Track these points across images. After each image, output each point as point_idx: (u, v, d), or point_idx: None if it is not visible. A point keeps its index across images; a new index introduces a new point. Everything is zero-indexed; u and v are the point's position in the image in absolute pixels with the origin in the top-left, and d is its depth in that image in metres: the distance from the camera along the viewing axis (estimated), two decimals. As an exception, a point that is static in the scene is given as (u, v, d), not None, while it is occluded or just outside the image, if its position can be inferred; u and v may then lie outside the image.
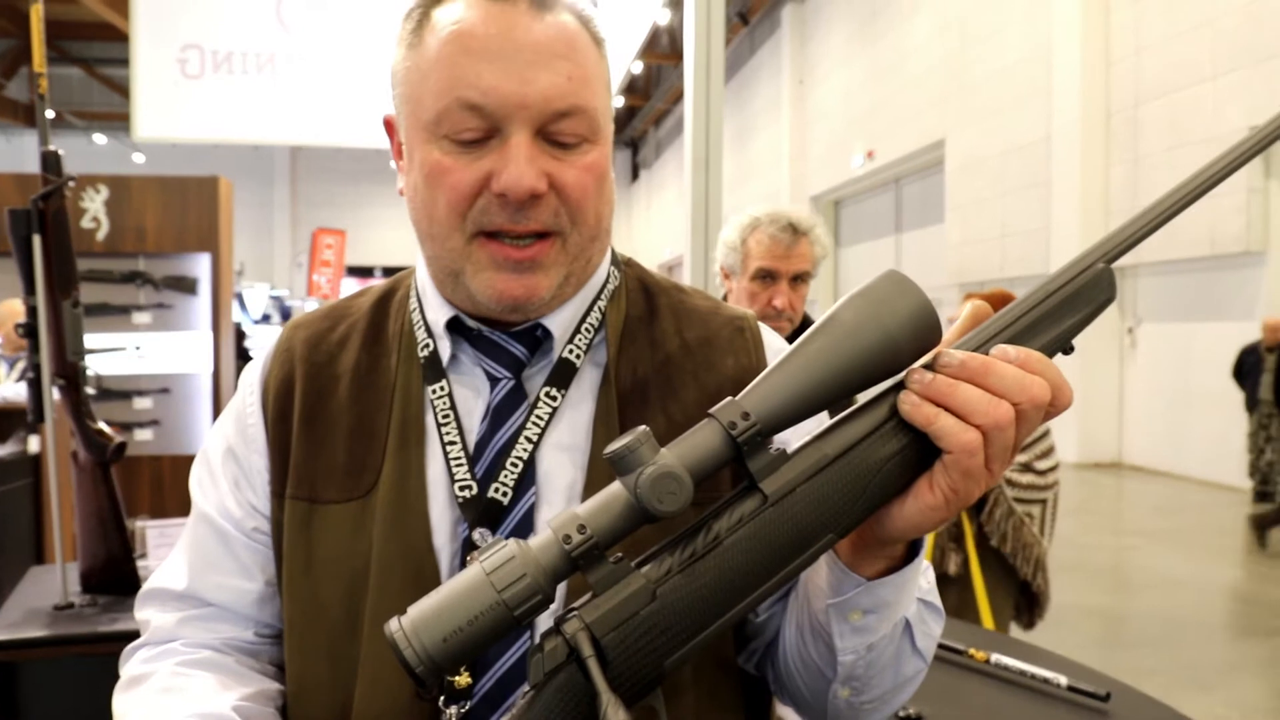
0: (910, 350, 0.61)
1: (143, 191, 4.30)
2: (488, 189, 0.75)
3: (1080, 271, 0.64)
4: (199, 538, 0.87)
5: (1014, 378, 0.60)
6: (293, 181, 26.65)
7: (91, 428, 2.16)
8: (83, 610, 2.13)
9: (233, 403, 0.91)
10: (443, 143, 0.76)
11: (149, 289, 4.36)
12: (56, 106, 21.44)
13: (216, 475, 0.88)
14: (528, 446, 0.81)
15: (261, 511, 0.86)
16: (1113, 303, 0.65)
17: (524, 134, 0.75)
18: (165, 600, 0.88)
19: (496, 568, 0.57)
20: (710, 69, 3.62)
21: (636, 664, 0.59)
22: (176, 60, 5.42)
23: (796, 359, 0.61)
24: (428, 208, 0.78)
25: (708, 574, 0.60)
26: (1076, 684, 1.67)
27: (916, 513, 0.63)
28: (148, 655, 0.85)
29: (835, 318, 0.62)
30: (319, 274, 15.16)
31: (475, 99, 0.74)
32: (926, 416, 0.60)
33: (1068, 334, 0.64)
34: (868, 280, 0.63)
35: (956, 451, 0.59)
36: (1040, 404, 0.60)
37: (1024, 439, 0.61)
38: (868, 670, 0.75)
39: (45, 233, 2.08)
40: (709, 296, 0.94)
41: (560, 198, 0.77)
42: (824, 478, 0.61)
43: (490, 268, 0.78)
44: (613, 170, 0.83)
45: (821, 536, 0.61)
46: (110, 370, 4.32)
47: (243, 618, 0.86)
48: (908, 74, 15.22)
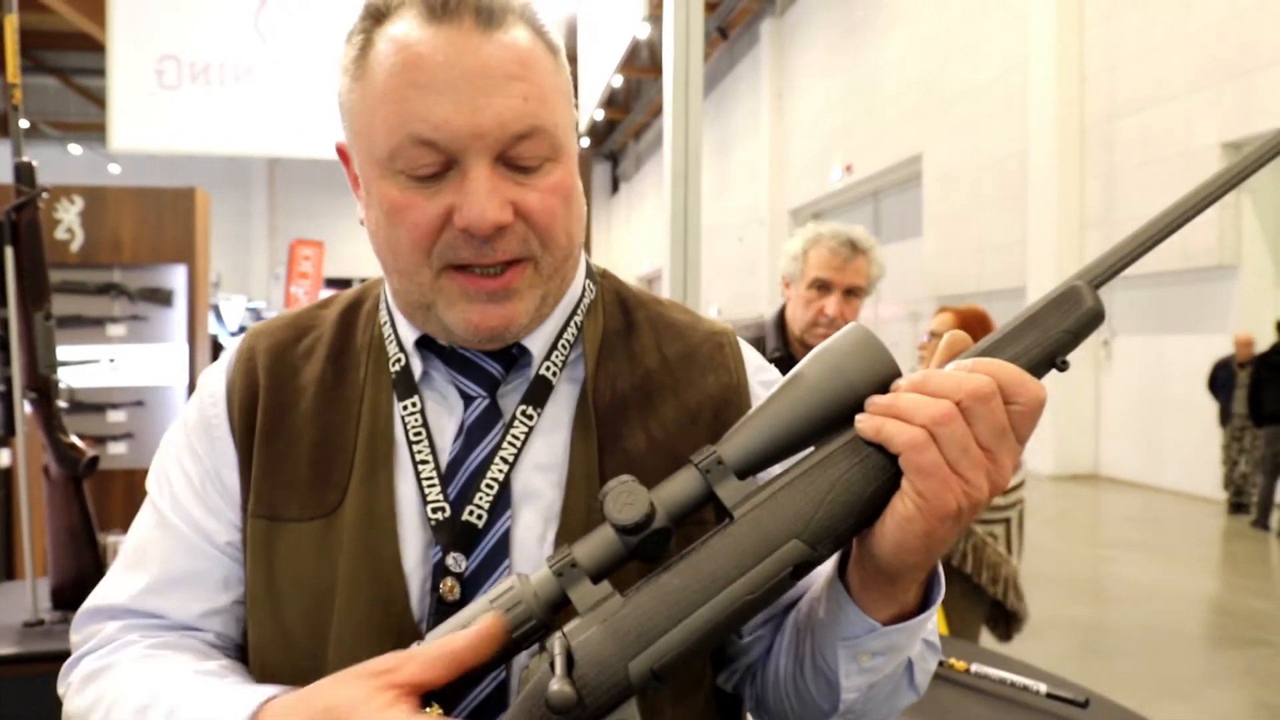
0: (867, 390, 0.65)
1: (118, 202, 4.26)
2: (450, 224, 0.72)
3: (1056, 293, 0.66)
4: (165, 551, 0.82)
5: (951, 378, 0.62)
6: (270, 192, 26.52)
7: (63, 441, 2.13)
8: (53, 627, 2.09)
9: (193, 410, 0.86)
10: (399, 178, 0.73)
11: (124, 301, 4.32)
12: (32, 116, 21.24)
13: (184, 486, 0.83)
14: (503, 467, 0.78)
15: (236, 525, 0.82)
16: (1101, 320, 0.66)
17: (482, 164, 0.71)
18: (113, 615, 0.82)
19: (498, 595, 0.63)
20: (689, 83, 3.63)
21: (601, 667, 0.61)
22: (154, 71, 5.38)
23: (767, 406, 0.66)
24: (391, 244, 0.75)
25: (672, 581, 0.63)
26: (1055, 691, 1.68)
27: (895, 527, 0.63)
28: (99, 655, 0.79)
29: (802, 368, 0.66)
30: (297, 285, 15.09)
31: (427, 134, 0.70)
32: (874, 426, 0.63)
33: (1043, 349, 0.65)
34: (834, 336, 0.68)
35: (904, 450, 0.61)
36: (980, 396, 0.61)
37: (994, 439, 0.62)
38: (865, 705, 0.77)
39: (18, 244, 2.06)
40: (688, 310, 0.93)
41: (528, 224, 0.74)
42: (786, 491, 0.64)
43: (463, 300, 0.75)
44: (579, 181, 0.80)
45: (785, 542, 0.63)
46: (83, 383, 4.26)
47: (199, 630, 0.82)
48: (885, 88, 15.37)
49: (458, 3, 0.71)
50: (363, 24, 0.75)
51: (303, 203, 26.15)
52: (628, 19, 5.71)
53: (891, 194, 16.33)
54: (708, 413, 0.83)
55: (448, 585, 0.75)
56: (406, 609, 0.75)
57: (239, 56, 5.49)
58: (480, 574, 0.76)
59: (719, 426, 0.82)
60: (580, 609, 0.63)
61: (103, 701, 0.73)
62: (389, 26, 0.73)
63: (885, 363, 0.65)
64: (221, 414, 0.84)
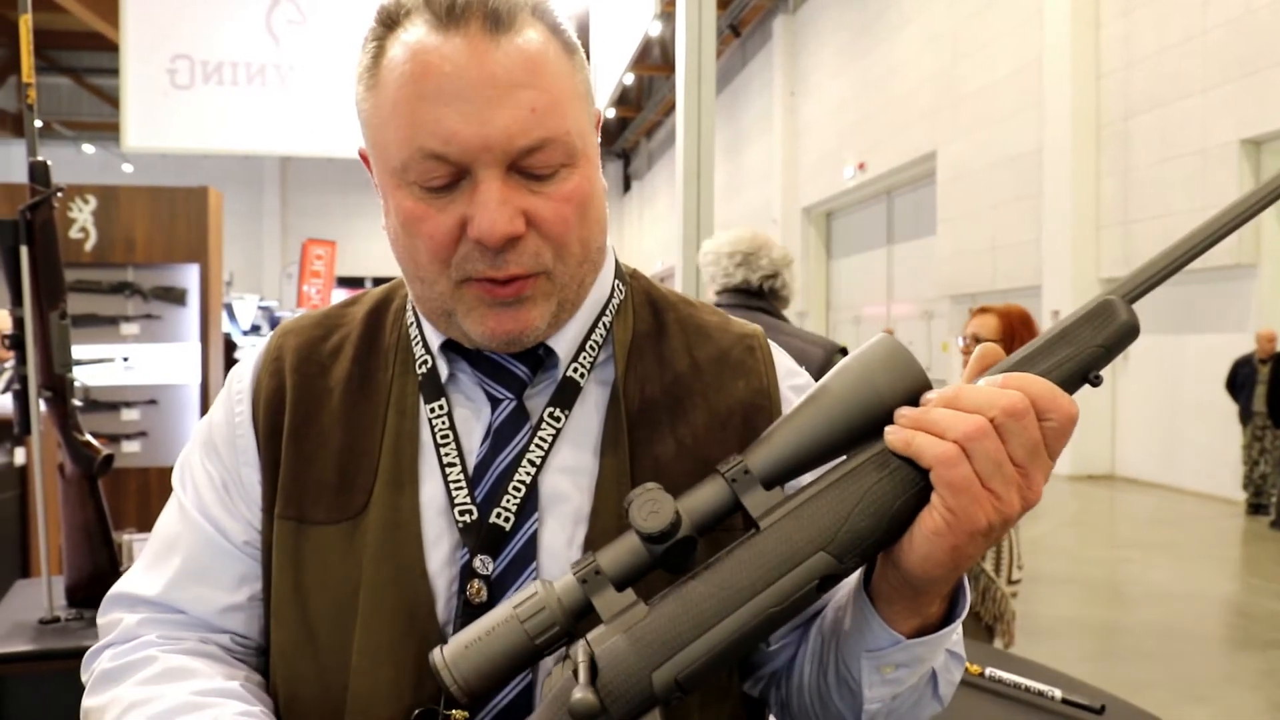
0: (896, 403, 0.65)
1: (131, 202, 4.28)
2: (466, 235, 0.72)
3: (1089, 307, 0.66)
4: (187, 546, 0.83)
5: (984, 393, 0.62)
6: (283, 192, 26.63)
7: (78, 440, 2.13)
8: (68, 624, 2.10)
9: (220, 409, 0.87)
10: (413, 188, 0.73)
11: (137, 300, 4.34)
12: (45, 116, 21.41)
13: (205, 484, 0.84)
14: (530, 470, 0.78)
15: (254, 525, 0.82)
16: (1136, 335, 0.66)
17: (493, 175, 0.70)
18: (135, 605, 0.83)
19: (521, 601, 0.64)
20: (702, 81, 3.62)
21: (625, 675, 0.60)
22: (166, 70, 5.41)
23: (795, 416, 0.66)
24: (410, 254, 0.75)
25: (697, 589, 0.63)
26: (1071, 697, 1.66)
27: (923, 541, 0.63)
28: (118, 652, 0.80)
29: (831, 378, 0.66)
30: (309, 285, 15.14)
31: (437, 148, 0.70)
32: (904, 439, 0.62)
33: (1077, 362, 0.65)
34: (863, 343, 0.68)
35: (935, 465, 0.61)
36: (1014, 413, 0.60)
37: (1027, 455, 0.61)
38: (888, 715, 0.76)
39: (33, 243, 2.06)
40: (717, 311, 0.92)
41: (541, 234, 0.73)
42: (813, 502, 0.64)
43: (480, 306, 0.75)
44: (599, 183, 0.79)
45: (812, 554, 0.63)
46: (97, 381, 4.28)
47: (217, 628, 0.83)
48: (899, 86, 15.30)
49: (465, 7, 0.70)
50: (375, 30, 0.75)
51: (315, 202, 26.26)
52: (639, 16, 5.70)
53: (905, 192, 16.26)
54: (738, 418, 0.82)
55: (475, 588, 0.75)
56: (431, 612, 0.75)
57: (251, 56, 5.51)
58: (507, 576, 0.75)
59: (749, 432, 0.81)
60: (604, 616, 0.63)
61: (112, 708, 0.75)
62: (400, 33, 0.72)
63: (914, 374, 0.65)
64: (246, 413, 0.84)
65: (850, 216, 18.41)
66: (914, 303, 15.76)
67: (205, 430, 0.87)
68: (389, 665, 0.74)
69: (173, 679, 0.75)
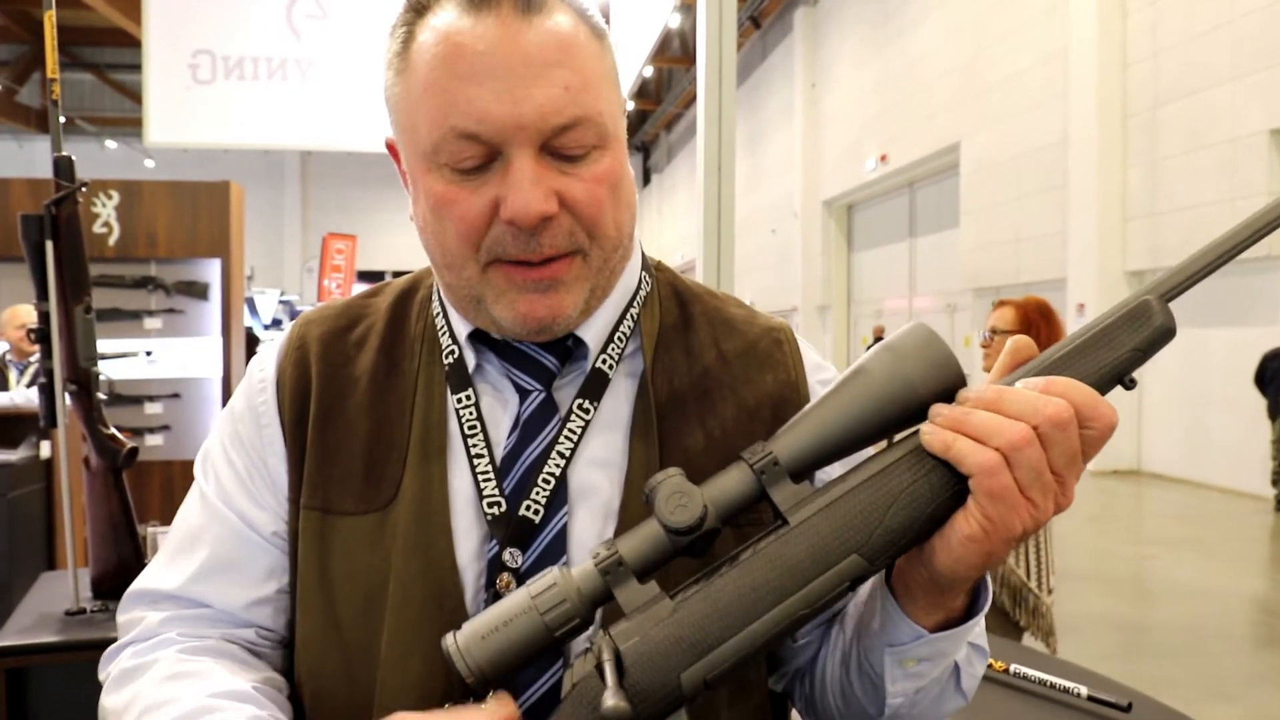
0: (931, 396, 0.64)
1: (154, 197, 4.31)
2: (497, 217, 0.71)
3: (1128, 306, 0.64)
4: (214, 539, 0.81)
5: (1029, 400, 0.60)
6: (303, 186, 26.81)
7: (103, 433, 2.15)
8: (94, 616, 2.12)
9: (241, 398, 0.85)
10: (444, 171, 0.72)
11: (160, 294, 4.37)
12: (68, 112, 21.63)
13: (230, 475, 0.83)
14: (560, 462, 0.77)
15: (282, 516, 0.81)
16: (1173, 336, 0.64)
17: (526, 155, 0.70)
18: (157, 601, 0.82)
19: (537, 586, 0.62)
20: (722, 73, 3.59)
21: (653, 675, 0.60)
22: (188, 65, 5.44)
23: (823, 405, 0.65)
24: (439, 239, 0.75)
25: (725, 590, 0.61)
26: (1097, 694, 1.64)
27: (957, 544, 0.62)
28: (138, 650, 0.79)
29: (861, 367, 0.65)
30: (330, 279, 15.23)
31: (470, 127, 0.69)
32: (944, 442, 0.61)
33: (1114, 365, 0.63)
34: (897, 331, 0.66)
35: (976, 473, 0.60)
36: (1058, 422, 0.59)
37: (1065, 464, 0.60)
38: (912, 709, 0.75)
39: (58, 238, 2.08)
40: (742, 304, 0.91)
41: (574, 215, 0.72)
42: (845, 501, 0.63)
43: (511, 291, 0.74)
44: (629, 169, 0.78)
45: (843, 557, 0.61)
46: (121, 375, 4.32)
47: (243, 621, 0.81)
48: (921, 77, 15.18)
49: None
50: (404, 17, 0.75)
51: (335, 196, 26.41)
52: (659, 8, 5.68)
53: (927, 184, 16.14)
54: (766, 411, 0.82)
55: (504, 580, 0.74)
56: (460, 604, 0.74)
57: (272, 51, 5.53)
58: (536, 569, 0.75)
59: (777, 424, 0.79)
60: (626, 609, 0.62)
61: (136, 704, 0.73)
62: (429, 18, 0.72)
63: (949, 365, 0.64)
64: (270, 402, 0.83)
65: (872, 209, 18.30)
66: (936, 296, 15.65)
67: (228, 420, 0.85)
68: (418, 657, 0.73)
69: (191, 679, 0.74)
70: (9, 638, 2.02)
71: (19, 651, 1.99)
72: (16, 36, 18.79)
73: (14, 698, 2.12)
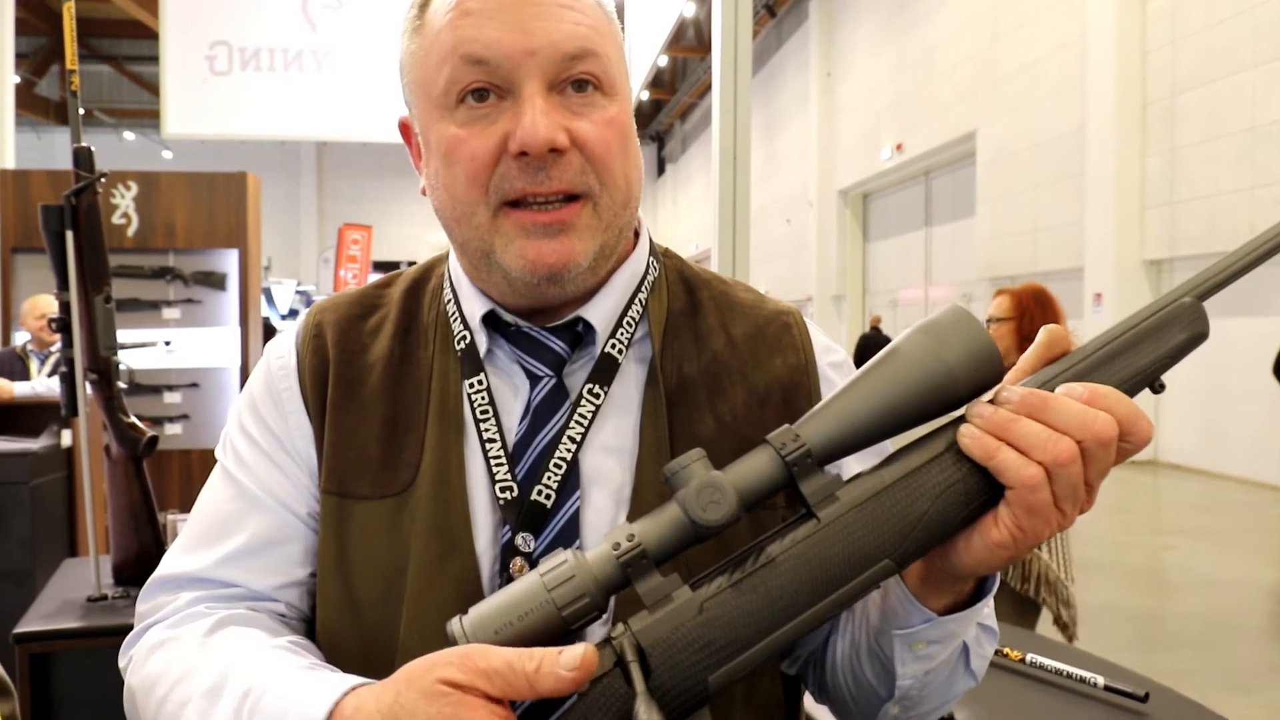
0: (969, 386, 0.62)
1: (172, 187, 4.34)
2: (506, 154, 0.72)
3: (1163, 306, 0.63)
4: (248, 523, 0.80)
5: (1076, 413, 0.59)
6: (319, 177, 26.88)
7: (124, 421, 2.17)
8: (115, 602, 2.14)
9: (260, 382, 0.85)
10: (455, 114, 0.73)
11: (178, 284, 4.41)
12: (86, 104, 21.76)
13: (262, 460, 0.81)
14: (571, 447, 0.76)
15: (315, 498, 0.81)
16: (1205, 338, 0.63)
17: (536, 85, 0.71)
18: (182, 585, 0.80)
19: (550, 570, 0.60)
20: (738, 61, 3.58)
21: (681, 677, 0.58)
22: (205, 57, 5.47)
23: (853, 389, 0.62)
24: (449, 188, 0.75)
25: (755, 592, 0.60)
26: (1114, 684, 1.63)
27: (983, 549, 0.62)
28: (165, 625, 0.76)
29: (895, 350, 0.62)
30: (345, 269, 15.29)
31: (479, 52, 0.71)
32: (987, 450, 0.59)
33: (1150, 370, 0.62)
34: (932, 314, 0.64)
35: (1018, 487, 0.59)
36: (1105, 440, 0.58)
37: (1098, 477, 0.60)
38: (922, 691, 0.75)
39: (77, 228, 2.09)
40: (750, 288, 0.91)
41: (584, 154, 0.73)
42: (879, 502, 0.61)
43: (521, 236, 0.73)
44: (635, 131, 0.78)
45: (877, 561, 0.60)
46: (140, 365, 4.36)
47: (271, 600, 0.80)
48: (938, 65, 15.06)
49: None
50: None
51: (351, 187, 26.48)
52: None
53: (943, 173, 16.03)
54: (777, 396, 0.81)
55: (517, 565, 0.75)
56: (479, 588, 0.75)
57: (289, 42, 5.54)
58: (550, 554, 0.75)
59: (787, 409, 0.80)
60: (647, 601, 0.60)
61: (168, 675, 0.70)
62: None
63: (989, 354, 0.61)
64: (293, 387, 0.83)
65: (887, 198, 18.20)
66: (952, 286, 15.56)
67: (248, 406, 0.85)
68: (439, 642, 0.73)
69: (224, 644, 0.72)
70: (32, 623, 2.05)
71: (42, 637, 2.02)
72: (35, 29, 18.89)
73: (38, 682, 2.15)
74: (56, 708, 2.19)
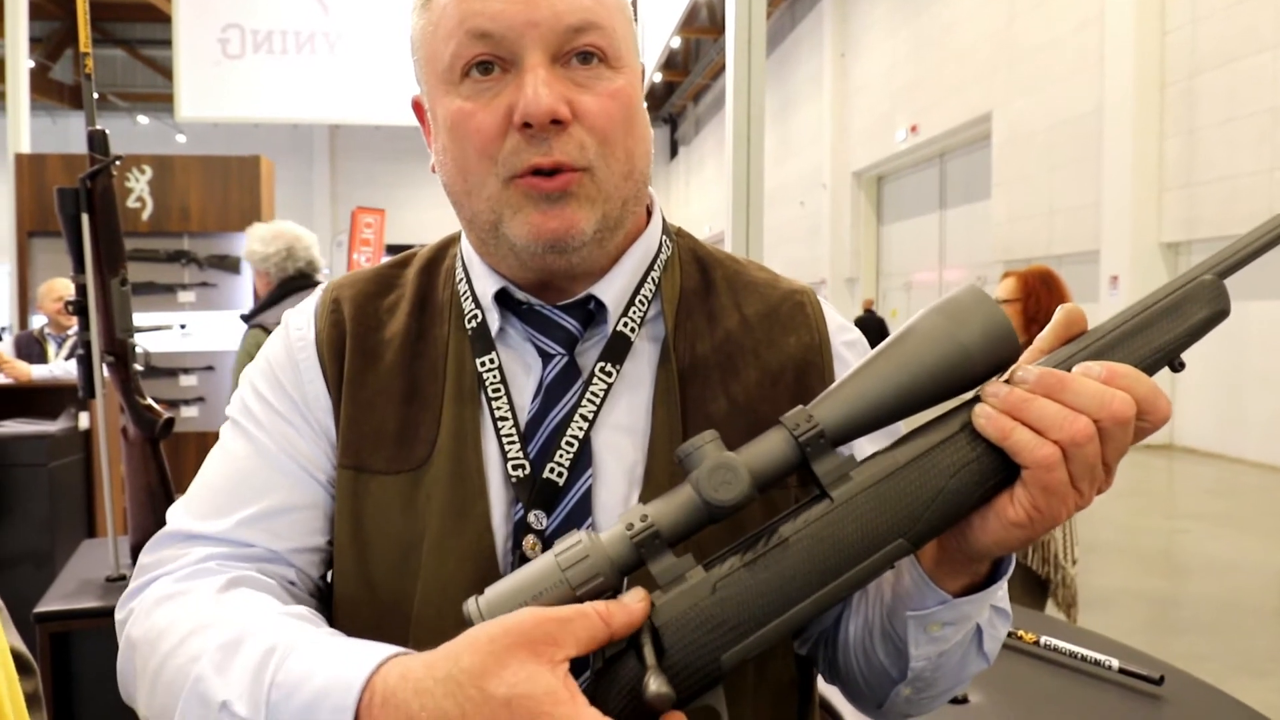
0: (985, 366, 0.61)
1: (186, 171, 4.35)
2: (512, 126, 0.72)
3: (1184, 284, 0.62)
4: (269, 484, 0.78)
5: (1093, 392, 0.58)
6: (332, 160, 26.90)
7: (140, 403, 2.18)
8: (133, 583, 2.17)
9: (280, 348, 0.84)
10: (461, 88, 0.74)
11: (193, 268, 4.43)
12: (100, 88, 21.80)
13: (277, 421, 0.80)
14: (583, 425, 0.77)
15: (334, 465, 0.80)
16: (1226, 316, 0.62)
17: (539, 57, 0.72)
18: (194, 540, 0.77)
19: (564, 550, 0.60)
20: (752, 41, 3.55)
21: (694, 656, 0.59)
22: (217, 40, 5.47)
23: (867, 369, 0.62)
24: (459, 162, 0.75)
25: (769, 571, 0.60)
26: (1129, 667, 1.63)
27: (1000, 529, 0.62)
28: (176, 579, 0.73)
29: (911, 330, 0.62)
30: (359, 253, 15.29)
31: (484, 25, 0.71)
32: (1001, 430, 0.59)
33: (1169, 348, 0.62)
34: (949, 293, 0.63)
35: (1034, 467, 0.58)
36: (1122, 419, 0.58)
37: (1117, 456, 0.59)
38: (934, 673, 0.75)
39: (93, 211, 2.10)
40: (764, 268, 0.90)
41: (585, 127, 0.73)
42: (893, 482, 0.61)
43: (526, 205, 0.74)
44: (643, 105, 0.78)
45: (890, 541, 0.60)
46: (156, 348, 4.39)
47: (285, 563, 0.78)
48: (953, 45, 14.91)
49: None
50: None
51: (364, 170, 26.48)
52: (687, -22, 5.61)
53: (958, 155, 15.90)
54: (790, 375, 0.81)
55: (529, 543, 0.75)
56: (495, 565, 0.75)
57: (300, 25, 5.54)
58: (562, 532, 0.75)
59: (800, 389, 0.80)
60: (660, 581, 0.60)
61: (177, 628, 0.67)
62: None
63: (1005, 333, 0.61)
64: (312, 358, 0.83)
65: (902, 180, 18.07)
66: (967, 269, 15.46)
67: (265, 370, 0.84)
68: (453, 617, 0.73)
69: (238, 602, 0.69)
70: (52, 603, 2.08)
71: (62, 616, 2.05)
72: (49, 14, 18.93)
73: (58, 660, 2.18)
74: (76, 684, 2.22)
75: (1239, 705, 1.59)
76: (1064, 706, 1.56)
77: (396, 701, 0.54)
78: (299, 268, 3.06)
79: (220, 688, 0.60)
